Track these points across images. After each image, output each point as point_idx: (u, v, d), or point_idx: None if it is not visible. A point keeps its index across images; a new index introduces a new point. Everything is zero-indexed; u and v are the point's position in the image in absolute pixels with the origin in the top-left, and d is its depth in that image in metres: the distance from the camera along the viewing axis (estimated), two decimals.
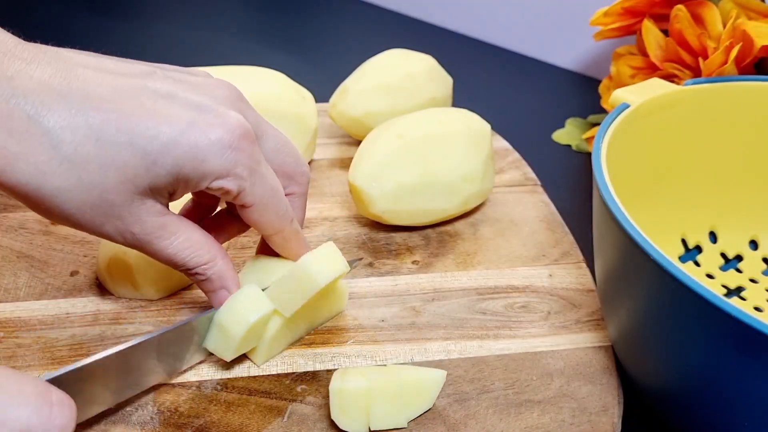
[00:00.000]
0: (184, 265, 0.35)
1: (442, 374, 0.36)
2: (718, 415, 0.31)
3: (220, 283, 0.36)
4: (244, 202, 0.35)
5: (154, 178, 0.32)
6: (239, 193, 0.34)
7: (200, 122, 0.32)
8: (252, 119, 0.36)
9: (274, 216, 0.36)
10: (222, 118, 0.33)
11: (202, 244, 0.35)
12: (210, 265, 0.36)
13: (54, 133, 0.30)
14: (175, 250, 0.35)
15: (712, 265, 0.46)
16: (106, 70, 0.32)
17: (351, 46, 0.78)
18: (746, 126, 0.44)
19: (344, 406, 0.34)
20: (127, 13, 0.83)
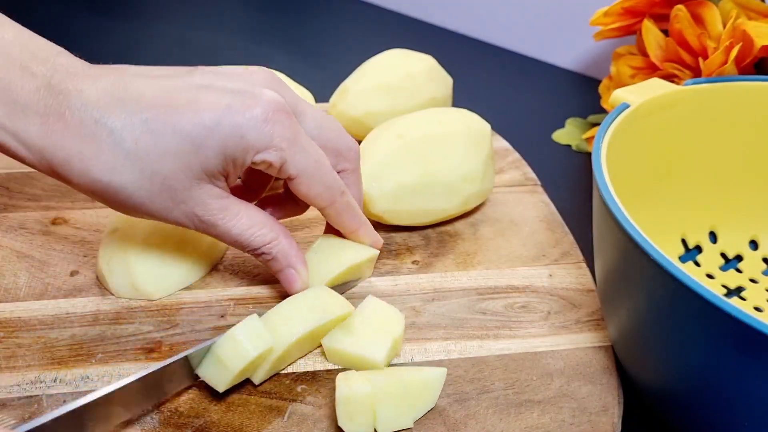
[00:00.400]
0: (249, 244, 0.38)
1: (443, 372, 0.36)
2: (718, 415, 0.31)
3: (286, 261, 0.38)
4: (288, 174, 0.36)
5: (204, 161, 0.34)
6: (282, 164, 0.36)
7: (237, 104, 0.34)
8: (289, 98, 0.37)
9: (322, 187, 0.37)
10: (256, 97, 0.35)
11: (264, 223, 0.38)
12: (274, 244, 0.38)
13: (117, 133, 0.34)
14: (239, 230, 0.37)
15: (712, 265, 0.46)
16: (154, 76, 0.36)
17: (351, 46, 0.78)
18: (746, 126, 0.44)
19: (351, 412, 0.33)
20: (127, 13, 0.83)
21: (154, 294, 0.41)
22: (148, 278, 0.40)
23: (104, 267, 0.41)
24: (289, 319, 0.36)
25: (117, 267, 0.40)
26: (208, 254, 0.43)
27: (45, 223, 0.46)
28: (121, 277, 0.40)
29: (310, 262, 0.40)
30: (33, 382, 0.36)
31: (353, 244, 0.41)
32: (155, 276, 0.40)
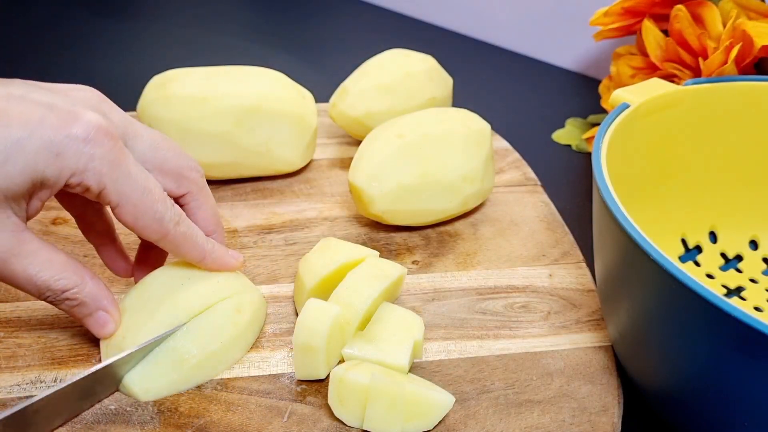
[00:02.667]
0: (48, 288, 0.33)
1: (450, 400, 0.35)
2: (718, 415, 0.31)
3: (95, 304, 0.35)
4: (109, 201, 0.33)
5: (6, 180, 0.30)
6: (101, 190, 0.32)
7: (52, 119, 0.31)
8: (118, 120, 0.35)
9: (150, 218, 0.34)
10: (76, 115, 0.31)
11: (67, 264, 0.33)
12: (80, 288, 0.34)
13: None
14: (35, 270, 0.32)
15: (712, 265, 0.46)
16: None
17: (351, 46, 0.78)
18: (746, 126, 0.44)
19: (342, 395, 0.34)
20: (127, 13, 0.83)
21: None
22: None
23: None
24: (357, 291, 0.37)
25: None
26: None
27: (45, 223, 0.46)
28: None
29: (310, 261, 0.40)
30: (33, 382, 0.36)
31: (351, 245, 0.41)
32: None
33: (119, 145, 0.32)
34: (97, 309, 0.35)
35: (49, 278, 0.33)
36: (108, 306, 0.35)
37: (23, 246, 0.32)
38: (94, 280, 0.35)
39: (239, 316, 0.38)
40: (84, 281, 0.34)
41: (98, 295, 0.35)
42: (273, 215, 0.49)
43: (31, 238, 0.32)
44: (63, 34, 0.77)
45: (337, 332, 0.36)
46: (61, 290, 0.33)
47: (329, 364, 0.36)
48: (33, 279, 0.32)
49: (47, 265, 0.33)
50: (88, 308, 0.35)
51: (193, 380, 0.36)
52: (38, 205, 0.33)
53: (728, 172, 0.45)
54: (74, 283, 0.34)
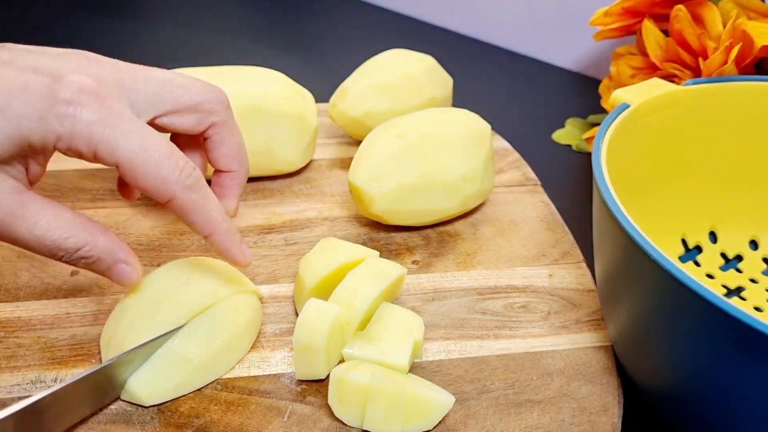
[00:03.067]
0: (59, 248, 0.32)
1: (450, 400, 0.35)
2: (718, 415, 0.31)
3: (112, 257, 0.33)
4: (107, 162, 0.31)
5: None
6: (93, 152, 0.31)
7: (35, 83, 0.30)
8: (112, 77, 0.33)
9: (153, 179, 0.32)
10: (60, 78, 0.30)
11: (76, 222, 0.32)
12: (92, 244, 0.33)
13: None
14: (42, 230, 0.31)
15: (712, 265, 0.46)
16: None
17: (351, 46, 0.78)
18: (746, 126, 0.44)
19: (342, 395, 0.34)
20: (127, 13, 0.83)
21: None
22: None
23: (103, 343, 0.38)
24: (357, 291, 0.37)
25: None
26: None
27: None
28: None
29: (310, 261, 0.41)
30: (33, 382, 0.36)
31: (352, 245, 0.41)
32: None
33: (108, 103, 0.31)
34: (116, 262, 0.34)
35: (58, 237, 0.32)
36: (125, 257, 0.34)
37: (26, 207, 0.31)
38: (106, 235, 0.33)
39: (238, 316, 0.38)
40: (95, 237, 0.33)
41: (113, 248, 0.33)
42: (273, 215, 0.49)
43: (33, 199, 0.32)
44: (63, 34, 0.77)
45: (337, 332, 0.36)
46: (73, 249, 0.32)
47: (329, 364, 0.36)
48: (42, 240, 0.32)
49: (54, 224, 0.32)
50: (106, 263, 0.34)
51: (196, 382, 0.36)
52: (37, 168, 0.32)
53: (728, 172, 0.45)
54: (85, 240, 0.32)
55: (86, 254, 0.33)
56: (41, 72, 0.31)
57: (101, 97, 0.31)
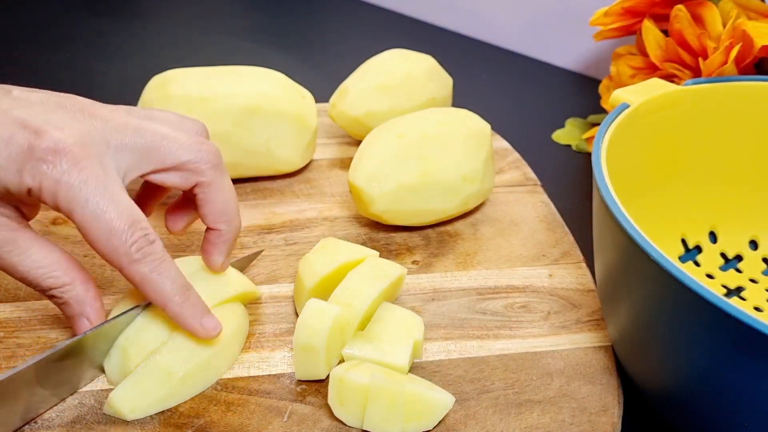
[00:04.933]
0: (38, 284, 0.35)
1: (450, 400, 0.35)
2: (718, 415, 0.31)
3: (79, 308, 0.35)
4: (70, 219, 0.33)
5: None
6: (57, 208, 0.33)
7: (19, 137, 0.32)
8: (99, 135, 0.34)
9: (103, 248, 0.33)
10: (41, 135, 0.32)
11: (60, 264, 0.35)
12: (67, 289, 0.35)
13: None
14: (26, 267, 0.34)
15: (712, 265, 0.46)
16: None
17: (351, 46, 0.78)
18: (746, 126, 0.44)
19: (342, 395, 0.34)
20: (127, 13, 0.83)
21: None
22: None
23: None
24: (357, 291, 0.37)
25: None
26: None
27: (45, 223, 0.46)
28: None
29: (310, 261, 0.40)
30: None
31: (352, 245, 0.41)
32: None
33: (81, 165, 0.32)
34: (80, 314, 0.35)
35: (40, 275, 0.34)
36: (90, 313, 0.35)
37: (15, 243, 0.34)
38: (85, 284, 0.35)
39: (223, 328, 0.37)
40: (73, 283, 0.35)
41: (83, 300, 0.35)
42: (273, 215, 0.49)
43: (25, 237, 0.34)
44: (63, 34, 0.77)
45: (337, 332, 0.36)
46: (48, 287, 0.35)
47: (329, 364, 0.36)
48: (25, 274, 0.34)
49: (38, 264, 0.34)
50: (73, 310, 0.36)
51: (180, 396, 0.35)
52: (29, 209, 0.35)
53: (728, 172, 0.45)
54: (62, 283, 0.35)
55: (59, 295, 0.35)
56: (28, 126, 0.33)
57: (75, 158, 0.32)
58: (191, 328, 0.35)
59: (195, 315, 0.35)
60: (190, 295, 0.35)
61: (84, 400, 0.35)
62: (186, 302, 0.35)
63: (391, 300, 0.41)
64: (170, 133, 0.36)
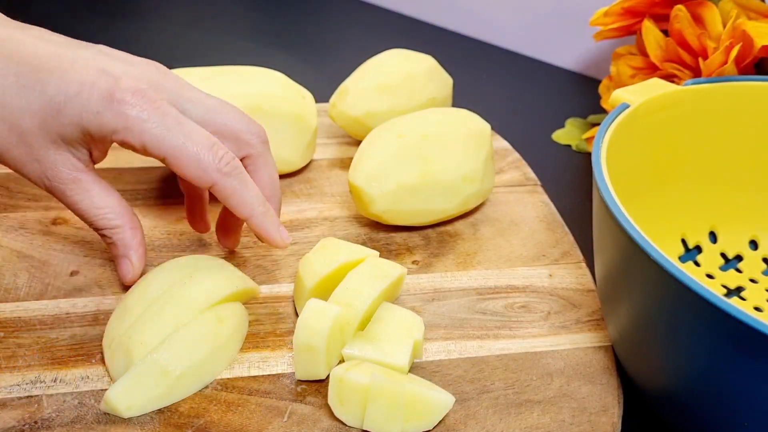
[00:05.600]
0: (92, 223, 0.39)
1: (450, 400, 0.35)
2: (718, 415, 0.31)
3: (124, 250, 0.39)
4: (155, 155, 0.36)
5: (61, 128, 0.36)
6: (143, 145, 0.36)
7: (101, 82, 0.36)
8: (171, 87, 0.38)
9: (195, 168, 0.36)
10: (118, 80, 0.36)
11: (115, 208, 0.39)
12: (117, 231, 0.39)
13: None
14: (85, 206, 0.38)
15: (712, 265, 0.46)
16: (42, 39, 0.37)
17: (351, 46, 0.78)
18: (746, 126, 0.44)
19: (342, 395, 0.34)
20: (127, 13, 0.83)
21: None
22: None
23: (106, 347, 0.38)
24: (357, 291, 0.37)
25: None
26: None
27: (45, 223, 0.46)
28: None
29: (310, 261, 0.40)
30: (33, 382, 0.36)
31: (352, 245, 0.41)
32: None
33: (157, 104, 0.36)
34: (124, 255, 0.39)
35: (95, 215, 0.38)
36: (133, 256, 0.40)
37: (80, 183, 0.38)
38: (133, 230, 0.39)
39: (221, 327, 0.37)
40: (123, 227, 0.39)
41: (129, 244, 0.39)
42: None
43: (89, 178, 0.38)
44: (63, 34, 0.77)
45: (337, 332, 0.36)
46: (101, 227, 0.39)
47: (329, 364, 0.36)
48: (83, 212, 0.38)
49: (96, 204, 0.38)
50: (118, 250, 0.40)
51: (177, 394, 0.35)
52: (98, 154, 0.38)
53: (728, 172, 0.45)
54: (114, 225, 0.39)
55: (108, 234, 0.39)
56: (108, 74, 0.36)
57: (151, 99, 0.36)
58: (272, 236, 0.39)
59: (274, 224, 0.39)
60: (269, 206, 0.39)
61: (84, 400, 0.35)
62: (268, 212, 0.39)
63: (391, 300, 0.41)
64: (228, 105, 0.40)
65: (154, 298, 0.37)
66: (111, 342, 0.36)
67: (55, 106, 0.35)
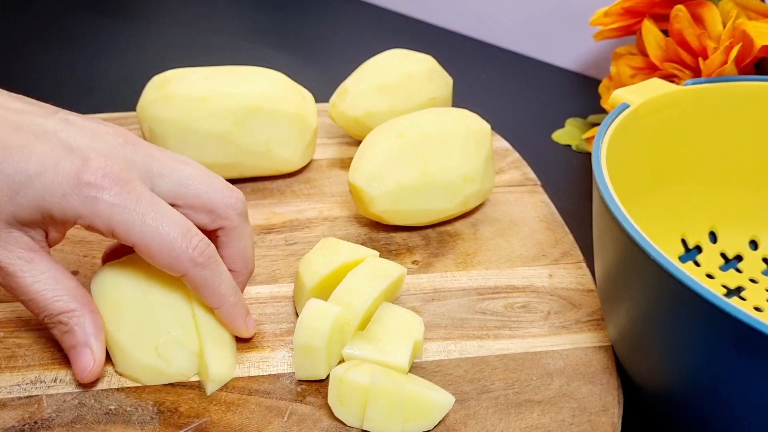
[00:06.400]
0: (45, 307, 0.35)
1: (450, 400, 0.35)
2: (718, 415, 0.31)
3: (84, 338, 0.35)
4: (124, 240, 0.34)
5: (17, 208, 0.33)
6: (111, 232, 0.34)
7: (66, 162, 0.33)
8: (141, 161, 0.36)
9: (167, 258, 0.34)
10: (86, 160, 0.33)
11: (70, 290, 0.35)
12: (76, 315, 0.35)
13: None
14: (39, 288, 0.34)
15: (712, 265, 0.46)
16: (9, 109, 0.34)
17: (351, 46, 0.78)
18: (746, 126, 0.44)
19: (342, 395, 0.34)
20: (127, 13, 0.83)
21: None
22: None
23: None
24: (357, 291, 0.37)
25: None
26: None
27: None
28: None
29: (310, 261, 0.40)
30: (33, 382, 0.36)
31: (352, 245, 0.41)
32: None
33: (129, 187, 0.34)
34: (84, 344, 0.35)
35: (50, 298, 0.34)
36: (94, 344, 0.35)
37: (33, 264, 0.34)
38: (92, 315, 0.35)
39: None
40: (82, 311, 0.35)
41: (88, 330, 0.35)
42: (273, 215, 0.49)
43: (44, 260, 0.35)
44: (63, 34, 0.77)
45: (337, 332, 0.36)
46: (56, 311, 0.35)
47: (329, 364, 0.36)
48: (35, 295, 0.34)
49: (51, 286, 0.34)
50: (76, 338, 0.35)
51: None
52: (56, 235, 0.35)
53: (728, 172, 0.45)
54: (71, 308, 0.35)
55: (65, 320, 0.35)
56: (74, 151, 0.34)
57: (123, 181, 0.34)
58: (238, 328, 0.38)
59: (242, 315, 0.38)
60: (239, 295, 0.38)
61: (84, 400, 0.35)
62: (237, 303, 0.37)
63: (391, 300, 0.41)
64: (204, 174, 0.38)
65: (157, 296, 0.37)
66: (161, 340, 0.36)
67: (13, 186, 0.32)
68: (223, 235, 0.38)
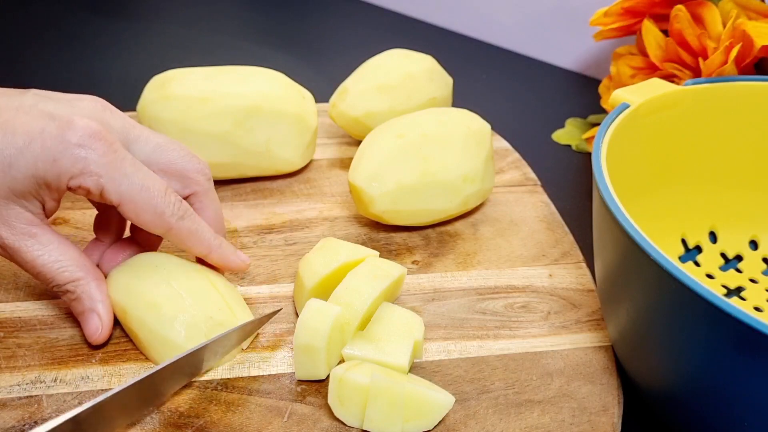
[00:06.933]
0: (53, 279, 0.36)
1: (450, 400, 0.35)
2: (718, 415, 0.31)
3: (90, 303, 0.37)
4: (111, 200, 0.35)
5: (12, 182, 0.34)
6: (100, 191, 0.35)
7: (51, 128, 0.34)
8: (119, 125, 0.38)
9: (151, 213, 0.36)
10: (71, 122, 0.34)
11: (75, 261, 0.37)
12: (81, 283, 0.37)
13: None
14: (44, 261, 0.36)
15: (712, 265, 0.46)
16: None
17: (351, 46, 0.78)
18: (746, 126, 0.44)
19: (342, 395, 0.34)
20: (127, 13, 0.83)
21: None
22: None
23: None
24: (357, 291, 0.37)
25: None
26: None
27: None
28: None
29: (310, 261, 0.40)
30: (33, 382, 0.36)
31: (352, 245, 0.41)
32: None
33: (114, 147, 0.35)
34: (92, 309, 0.37)
35: (56, 270, 0.36)
36: (101, 309, 0.37)
37: (37, 237, 0.36)
38: (97, 281, 0.37)
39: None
40: (87, 279, 0.37)
41: (95, 297, 0.37)
42: (273, 215, 0.49)
43: (46, 232, 0.36)
44: (63, 34, 0.77)
45: (337, 332, 0.36)
46: (64, 281, 0.36)
47: (329, 364, 0.36)
48: (42, 268, 0.36)
49: (56, 258, 0.36)
50: (83, 305, 0.37)
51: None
52: (52, 204, 0.36)
53: (728, 172, 0.45)
54: (77, 277, 0.36)
55: (72, 289, 0.37)
56: (57, 118, 0.35)
57: (108, 141, 0.35)
58: (233, 263, 0.40)
59: (232, 251, 0.40)
60: (220, 237, 0.40)
61: (84, 400, 0.35)
62: (222, 244, 0.39)
63: (391, 300, 0.41)
64: (171, 143, 0.40)
65: (156, 297, 0.37)
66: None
67: (5, 161, 0.34)
68: (195, 200, 0.40)
